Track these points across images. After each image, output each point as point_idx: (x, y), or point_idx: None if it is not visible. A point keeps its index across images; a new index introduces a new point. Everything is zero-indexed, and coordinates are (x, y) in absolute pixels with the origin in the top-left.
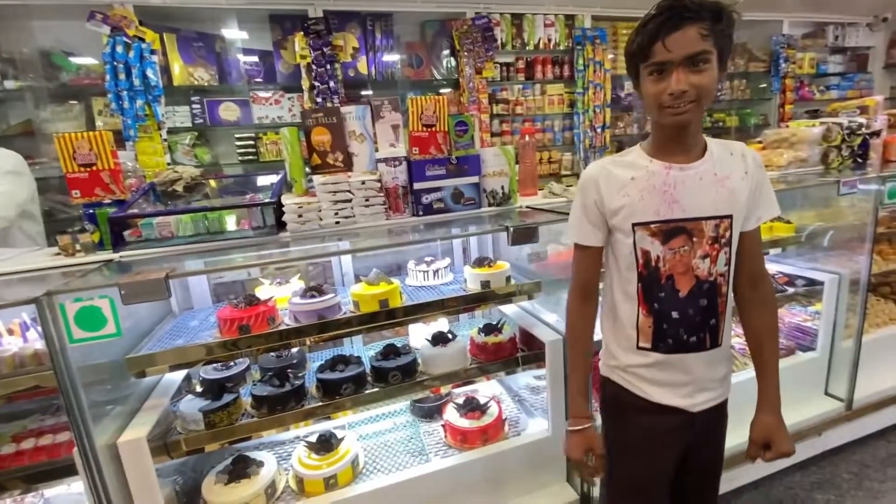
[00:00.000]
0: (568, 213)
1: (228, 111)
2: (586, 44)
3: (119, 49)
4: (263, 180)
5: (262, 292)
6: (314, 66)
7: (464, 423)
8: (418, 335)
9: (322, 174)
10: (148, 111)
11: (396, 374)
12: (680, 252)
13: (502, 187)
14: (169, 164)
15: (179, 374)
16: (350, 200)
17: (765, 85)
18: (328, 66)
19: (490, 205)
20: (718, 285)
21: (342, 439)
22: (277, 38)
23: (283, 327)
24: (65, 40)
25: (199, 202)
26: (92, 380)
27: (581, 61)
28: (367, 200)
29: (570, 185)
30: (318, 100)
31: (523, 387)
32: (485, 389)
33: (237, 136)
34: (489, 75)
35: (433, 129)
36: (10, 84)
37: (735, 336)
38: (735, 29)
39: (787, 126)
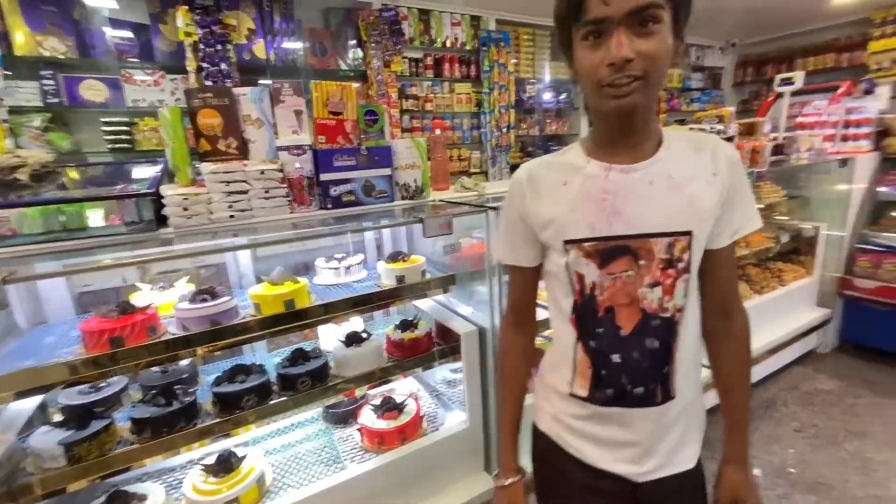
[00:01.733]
0: (480, 207)
1: (93, 91)
2: (491, 46)
3: None
4: (141, 171)
5: (139, 299)
6: (202, 46)
7: (381, 424)
8: (330, 337)
9: (212, 162)
10: None
11: (306, 381)
12: (622, 278)
13: (415, 180)
14: (10, 150)
15: (31, 403)
16: (247, 192)
17: None
18: (219, 47)
19: (403, 198)
20: (674, 323)
21: (244, 457)
22: (155, 11)
23: (167, 337)
24: None
25: (53, 193)
26: None
27: (487, 62)
28: (266, 192)
29: (480, 181)
30: (208, 83)
31: (440, 381)
32: (402, 387)
33: (105, 120)
34: (398, 69)
35: (341, 117)
36: None
37: None
38: None
39: None
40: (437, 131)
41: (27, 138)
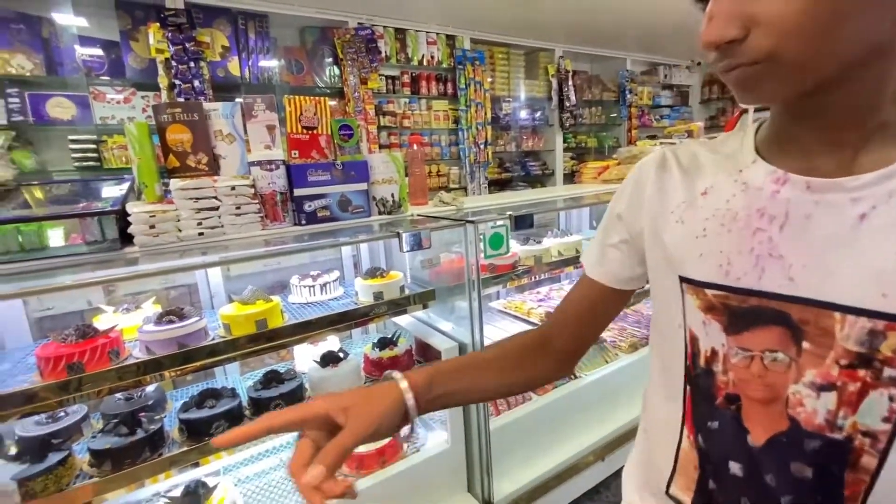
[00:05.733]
0: (458, 221)
1: (60, 108)
2: (466, 64)
3: None
4: (109, 189)
5: (103, 322)
6: (174, 63)
7: (359, 447)
8: (305, 357)
9: (181, 178)
10: None
11: (280, 404)
12: (765, 360)
13: (392, 195)
14: None
15: None
16: (217, 208)
17: (615, 114)
18: (192, 64)
19: (380, 213)
20: (853, 450)
21: (214, 488)
22: (126, 28)
23: (130, 362)
24: None
25: (13, 212)
26: None
27: (463, 80)
28: (238, 208)
29: (459, 196)
30: (181, 100)
31: None
32: None
33: (73, 138)
34: (374, 87)
35: (315, 131)
36: None
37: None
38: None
39: (636, 145)
40: (415, 146)
41: None
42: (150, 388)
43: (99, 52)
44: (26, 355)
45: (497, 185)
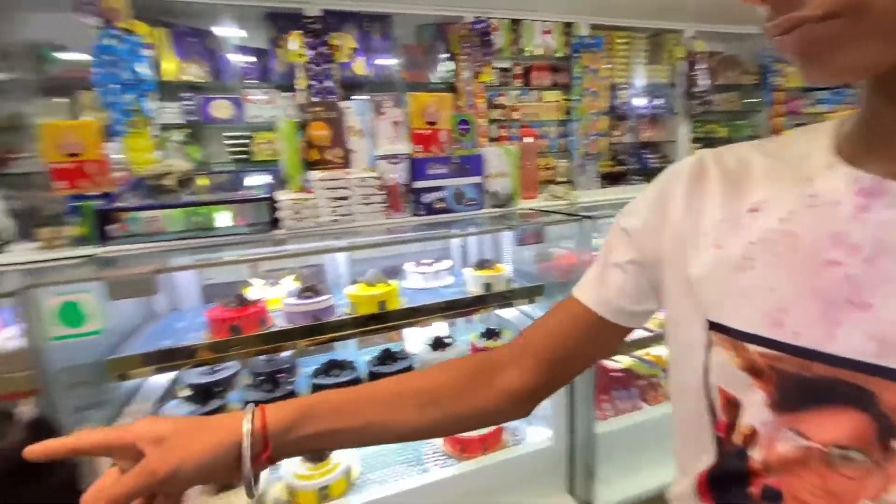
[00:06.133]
0: (574, 215)
1: (221, 109)
2: (583, 52)
3: (109, 42)
4: (257, 179)
5: (251, 294)
6: (311, 66)
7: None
8: (415, 340)
9: (319, 170)
10: (137, 106)
11: None
12: (831, 456)
13: (504, 188)
14: (160, 160)
15: (164, 378)
16: (348, 198)
17: (757, 99)
18: (325, 66)
19: (492, 206)
20: None
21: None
22: (273, 37)
23: (276, 328)
24: (52, 32)
25: (190, 198)
26: (70, 382)
27: (578, 69)
28: (365, 198)
29: (570, 190)
30: (315, 100)
31: None
32: None
33: (227, 134)
34: (487, 80)
35: (435, 126)
36: None
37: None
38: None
39: (782, 135)
40: (531, 139)
41: (170, 151)
42: (284, 354)
43: (252, 58)
44: (196, 316)
45: (609, 179)
